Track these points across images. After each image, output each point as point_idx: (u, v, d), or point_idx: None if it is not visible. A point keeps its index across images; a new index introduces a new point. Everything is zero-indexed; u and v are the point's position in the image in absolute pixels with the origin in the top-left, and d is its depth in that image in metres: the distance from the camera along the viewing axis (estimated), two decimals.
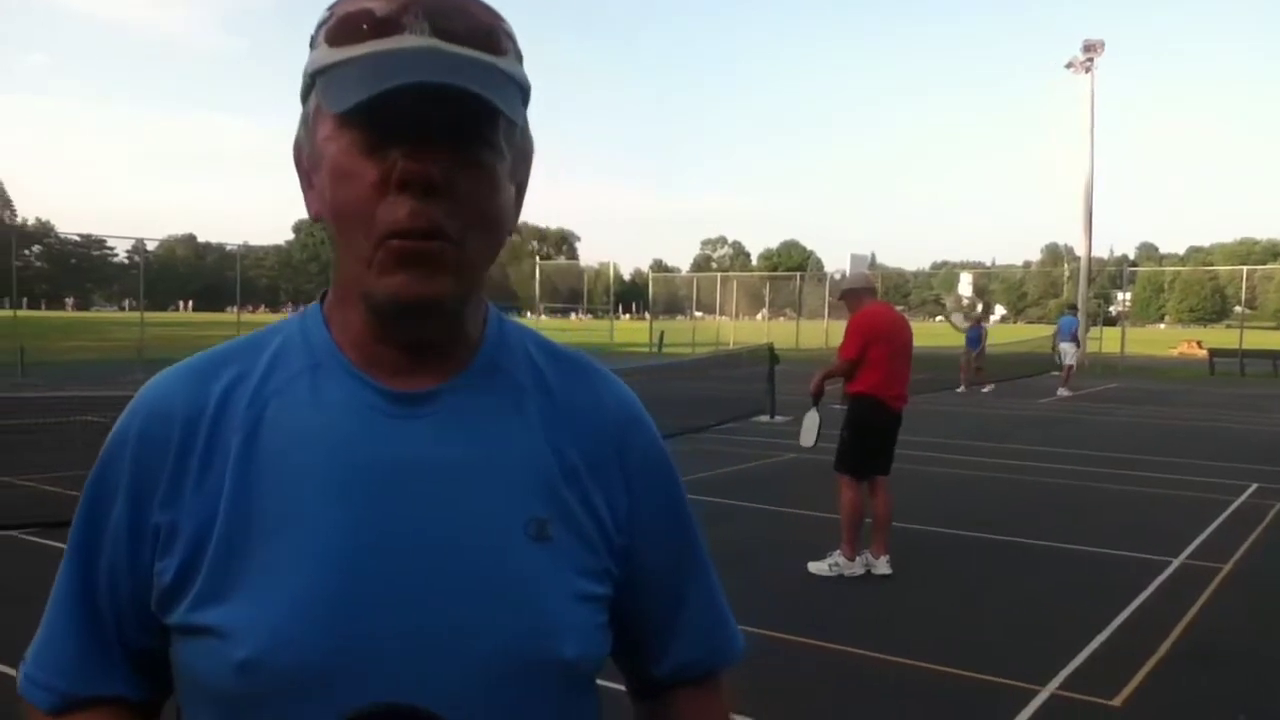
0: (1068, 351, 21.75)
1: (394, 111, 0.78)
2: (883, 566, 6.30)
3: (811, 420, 6.56)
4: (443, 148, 0.81)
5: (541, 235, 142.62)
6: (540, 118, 0.90)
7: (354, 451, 0.86)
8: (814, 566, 6.34)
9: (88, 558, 0.91)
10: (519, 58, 0.87)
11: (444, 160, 0.81)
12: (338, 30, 0.82)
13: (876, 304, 6.52)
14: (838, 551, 6.31)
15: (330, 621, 0.82)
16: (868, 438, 6.31)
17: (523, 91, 0.86)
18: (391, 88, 0.76)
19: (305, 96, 0.87)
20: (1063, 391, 20.78)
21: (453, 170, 0.81)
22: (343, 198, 0.82)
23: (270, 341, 0.93)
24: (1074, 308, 24.26)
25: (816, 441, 6.58)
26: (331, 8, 0.84)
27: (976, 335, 21.85)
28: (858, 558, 6.28)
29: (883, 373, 6.24)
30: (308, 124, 0.87)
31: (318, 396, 0.88)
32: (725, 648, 1.05)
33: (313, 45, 0.85)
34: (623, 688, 1.08)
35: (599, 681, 0.96)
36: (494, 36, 0.83)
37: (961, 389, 21.05)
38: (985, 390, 21.25)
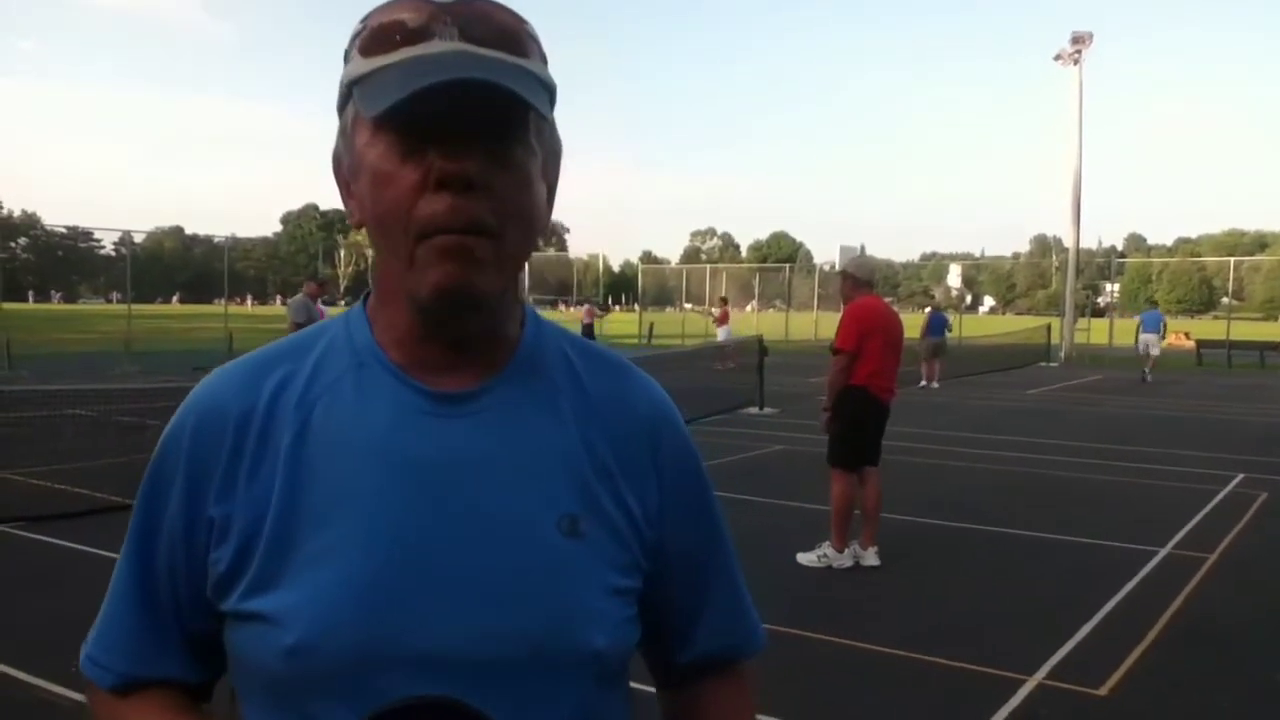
0: (1150, 342, 22.85)
1: (429, 113, 0.82)
2: (871, 558, 6.31)
3: None
4: (477, 146, 0.84)
5: None
6: None
7: (395, 450, 0.90)
8: (803, 558, 6.36)
9: (146, 547, 0.95)
10: (544, 60, 0.91)
11: (479, 158, 0.84)
12: (371, 41, 0.86)
13: (870, 297, 6.51)
14: (826, 543, 6.33)
15: (371, 610, 0.86)
16: (858, 430, 6.32)
17: (549, 92, 0.89)
18: (426, 86, 0.79)
19: (341, 108, 0.91)
20: (1148, 377, 22.21)
21: (488, 167, 0.85)
22: (383, 200, 0.86)
23: (316, 342, 0.97)
24: (1154, 303, 25.13)
25: None
26: (364, 20, 0.88)
27: (939, 323, 20.94)
28: (846, 549, 6.31)
29: (874, 365, 6.25)
30: (345, 134, 0.91)
31: (362, 396, 0.92)
32: (748, 638, 1.10)
33: (346, 58, 0.89)
34: (650, 689, 1.10)
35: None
36: (519, 39, 0.87)
37: (933, 384, 20.09)
38: (922, 385, 19.57)
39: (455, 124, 0.83)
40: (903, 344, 6.58)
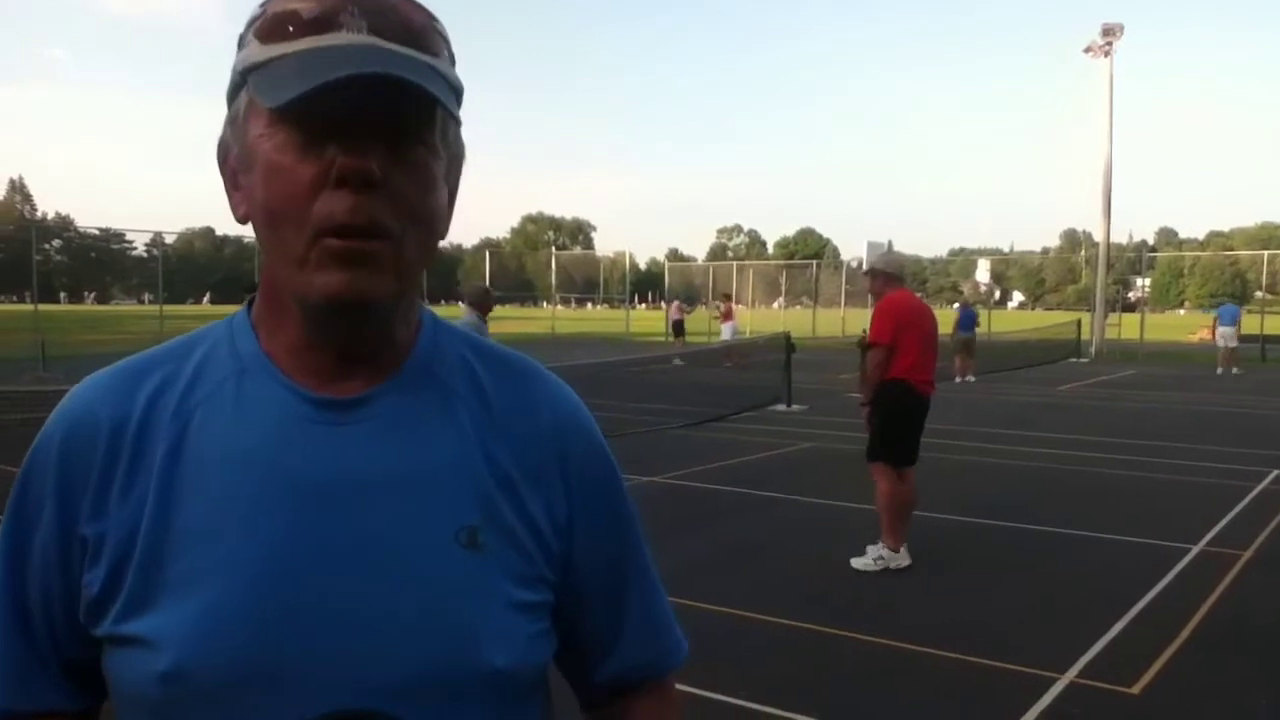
0: (1227, 335, 23.78)
1: (331, 107, 0.77)
2: (902, 556, 6.27)
3: None
4: (381, 144, 0.80)
5: (557, 225, 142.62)
6: (555, 106, 0.84)
7: (280, 460, 0.85)
8: (857, 563, 6.18)
9: (16, 571, 0.89)
10: (452, 60, 0.87)
11: (381, 156, 0.80)
12: (271, 27, 0.81)
13: (902, 291, 6.44)
14: (880, 544, 6.21)
15: (254, 631, 0.81)
16: (899, 423, 6.22)
17: (457, 93, 0.85)
18: (331, 80, 0.75)
19: (233, 96, 0.86)
20: (1234, 370, 23.04)
21: (391, 166, 0.81)
22: (276, 194, 0.81)
23: (196, 347, 0.92)
24: (1234, 297, 25.87)
25: None
26: (264, 5, 0.83)
27: (969, 319, 20.76)
28: (869, 548, 6.23)
29: (913, 358, 6.16)
30: (236, 123, 0.85)
31: (243, 404, 0.87)
32: (668, 653, 1.05)
33: (242, 44, 0.84)
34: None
35: None
36: (429, 37, 0.83)
37: (966, 379, 20.03)
38: (958, 381, 19.70)
39: (359, 119, 0.79)
40: (937, 338, 6.52)
